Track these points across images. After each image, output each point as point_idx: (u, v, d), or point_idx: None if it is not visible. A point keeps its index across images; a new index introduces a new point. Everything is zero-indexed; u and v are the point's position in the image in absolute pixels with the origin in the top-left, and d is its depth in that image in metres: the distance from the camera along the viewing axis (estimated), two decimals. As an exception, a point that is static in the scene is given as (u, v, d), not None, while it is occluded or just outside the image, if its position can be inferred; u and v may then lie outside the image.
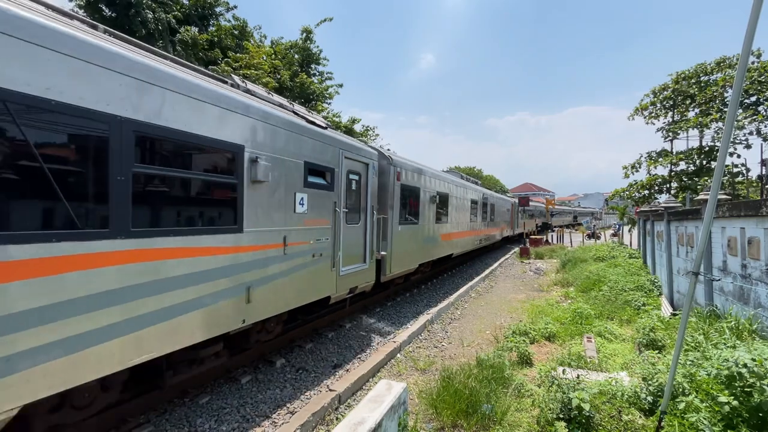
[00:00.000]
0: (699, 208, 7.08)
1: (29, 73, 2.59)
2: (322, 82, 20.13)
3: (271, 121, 4.83)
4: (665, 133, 21.25)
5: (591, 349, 5.88)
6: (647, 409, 3.81)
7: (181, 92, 3.65)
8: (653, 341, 5.75)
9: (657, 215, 10.89)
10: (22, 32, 2.56)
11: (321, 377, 5.29)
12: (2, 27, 2.48)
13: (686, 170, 20.20)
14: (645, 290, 9.47)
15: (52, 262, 2.71)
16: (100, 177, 3.02)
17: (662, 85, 21.24)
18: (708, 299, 6.31)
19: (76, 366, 2.85)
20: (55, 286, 2.73)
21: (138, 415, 4.08)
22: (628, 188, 22.18)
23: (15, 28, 2.53)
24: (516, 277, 14.29)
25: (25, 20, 2.59)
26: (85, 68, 2.92)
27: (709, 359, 3.91)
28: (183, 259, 3.67)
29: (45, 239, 2.67)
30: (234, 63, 15.82)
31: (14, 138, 2.56)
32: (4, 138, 2.52)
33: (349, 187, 6.91)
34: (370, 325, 7.68)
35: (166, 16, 14.60)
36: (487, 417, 3.86)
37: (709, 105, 18.82)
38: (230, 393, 4.73)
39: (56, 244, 2.73)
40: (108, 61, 3.06)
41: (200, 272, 3.84)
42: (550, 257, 19.40)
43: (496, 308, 9.35)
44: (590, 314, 7.65)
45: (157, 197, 3.56)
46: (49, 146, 2.79)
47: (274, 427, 4.04)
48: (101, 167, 3.02)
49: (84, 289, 2.90)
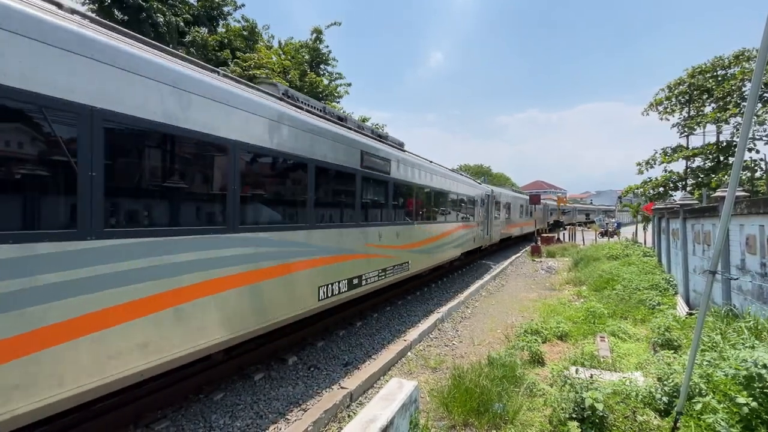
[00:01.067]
0: (716, 205, 6.92)
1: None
2: (331, 82, 20.21)
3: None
4: (681, 129, 20.80)
5: (604, 348, 5.81)
6: (662, 410, 3.76)
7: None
8: (668, 341, 5.66)
9: (672, 213, 10.69)
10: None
11: (332, 375, 5.33)
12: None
13: (702, 167, 19.75)
14: (660, 289, 9.30)
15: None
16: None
17: (678, 79, 20.75)
18: (725, 298, 6.17)
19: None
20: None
21: (155, 410, 4.17)
22: (642, 185, 21.79)
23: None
24: (527, 275, 14.17)
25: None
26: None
27: (727, 359, 3.83)
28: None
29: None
30: (243, 63, 15.99)
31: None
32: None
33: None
34: (380, 324, 7.71)
35: (175, 18, 14.82)
36: (499, 416, 3.85)
37: (726, 99, 18.34)
38: (244, 390, 4.80)
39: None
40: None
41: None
42: (562, 256, 19.18)
43: (507, 307, 9.29)
44: (603, 313, 7.55)
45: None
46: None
47: (287, 424, 4.09)
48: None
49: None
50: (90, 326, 2.83)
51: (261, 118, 4.52)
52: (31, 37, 2.54)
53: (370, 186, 7.17)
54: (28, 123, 2.64)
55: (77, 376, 2.78)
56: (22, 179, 2.64)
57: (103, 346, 2.92)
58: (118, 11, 14.06)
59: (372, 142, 7.32)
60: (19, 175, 2.63)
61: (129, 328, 3.09)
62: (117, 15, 14.08)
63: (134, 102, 3.16)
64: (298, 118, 5.22)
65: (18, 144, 2.63)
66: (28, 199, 2.65)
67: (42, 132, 2.72)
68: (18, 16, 2.50)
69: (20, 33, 2.50)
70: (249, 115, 4.35)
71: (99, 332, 2.89)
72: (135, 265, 3.16)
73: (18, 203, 2.62)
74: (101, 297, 2.91)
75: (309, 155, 5.32)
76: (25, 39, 2.52)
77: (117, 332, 3.01)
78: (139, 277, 3.18)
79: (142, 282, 3.21)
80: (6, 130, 2.58)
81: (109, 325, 2.96)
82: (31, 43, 2.53)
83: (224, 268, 4.01)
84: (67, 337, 2.71)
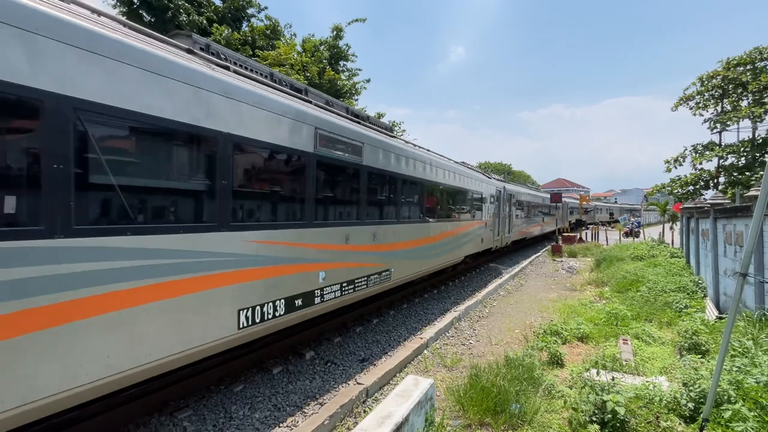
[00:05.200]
0: (749, 204, 6.61)
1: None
2: (350, 79, 20.27)
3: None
4: (713, 125, 19.89)
5: (627, 351, 5.65)
6: (687, 416, 3.64)
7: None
8: (696, 345, 5.45)
9: (702, 212, 10.26)
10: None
11: (349, 370, 5.39)
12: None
13: (736, 164, 18.85)
14: (687, 291, 8.96)
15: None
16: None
17: (711, 72, 19.82)
18: (759, 302, 5.90)
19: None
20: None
21: (179, 399, 4.33)
22: (671, 183, 21.00)
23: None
24: (547, 275, 13.90)
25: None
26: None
27: (759, 366, 3.67)
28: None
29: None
30: (263, 61, 16.22)
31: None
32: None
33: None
34: (396, 321, 7.73)
35: (199, 18, 15.16)
36: (516, 416, 3.81)
37: (763, 93, 17.43)
38: (262, 382, 4.91)
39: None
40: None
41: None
42: (583, 255, 18.71)
43: (526, 307, 9.14)
44: (626, 315, 7.34)
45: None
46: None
47: (304, 417, 4.17)
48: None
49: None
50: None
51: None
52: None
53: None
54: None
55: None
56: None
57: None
58: (146, 13, 14.51)
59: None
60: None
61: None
62: (145, 18, 14.53)
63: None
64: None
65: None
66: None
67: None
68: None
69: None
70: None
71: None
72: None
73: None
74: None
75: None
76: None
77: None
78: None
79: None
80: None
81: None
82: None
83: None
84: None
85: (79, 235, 2.78)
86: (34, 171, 2.61)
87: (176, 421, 3.95)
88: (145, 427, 3.84)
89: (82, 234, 2.80)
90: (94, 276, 2.85)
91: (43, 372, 2.60)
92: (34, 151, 2.63)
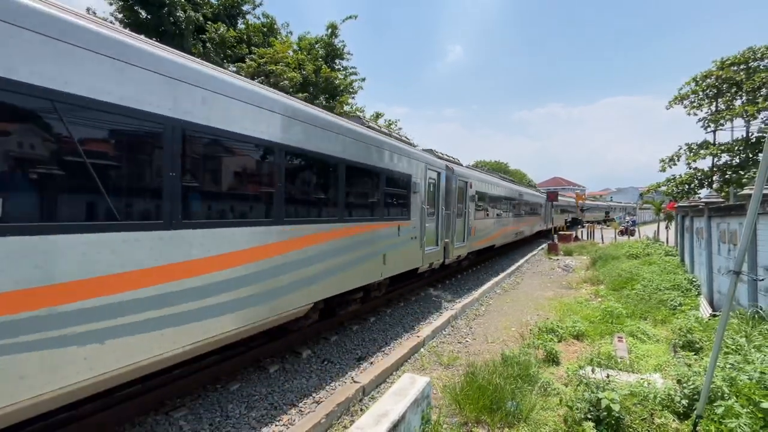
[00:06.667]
0: (743, 203, 6.66)
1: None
2: (346, 77, 20.22)
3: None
4: (706, 124, 20.04)
5: (622, 349, 5.69)
6: (681, 413, 3.67)
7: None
8: (690, 343, 5.50)
9: (697, 211, 10.34)
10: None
11: (345, 369, 5.39)
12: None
13: (730, 163, 19.01)
14: (682, 290, 9.04)
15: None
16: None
17: (705, 72, 19.96)
18: (752, 300, 5.95)
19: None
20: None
21: (175, 398, 4.31)
22: (665, 183, 21.14)
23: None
24: (544, 273, 13.96)
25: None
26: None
27: (752, 363, 3.71)
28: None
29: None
30: (260, 59, 16.13)
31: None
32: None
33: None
34: (393, 320, 7.74)
35: (195, 14, 15.05)
36: (512, 414, 3.83)
37: (757, 93, 17.58)
38: (259, 381, 4.90)
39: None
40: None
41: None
42: (579, 254, 18.81)
43: (523, 305, 9.18)
44: (622, 313, 7.39)
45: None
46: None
47: (301, 416, 4.16)
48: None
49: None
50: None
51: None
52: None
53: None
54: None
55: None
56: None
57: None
58: (141, 9, 14.38)
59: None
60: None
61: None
62: (141, 14, 14.41)
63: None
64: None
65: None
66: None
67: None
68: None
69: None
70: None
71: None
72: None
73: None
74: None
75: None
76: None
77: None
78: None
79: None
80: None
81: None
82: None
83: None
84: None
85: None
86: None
87: (172, 420, 3.94)
88: (140, 427, 3.82)
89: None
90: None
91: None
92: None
